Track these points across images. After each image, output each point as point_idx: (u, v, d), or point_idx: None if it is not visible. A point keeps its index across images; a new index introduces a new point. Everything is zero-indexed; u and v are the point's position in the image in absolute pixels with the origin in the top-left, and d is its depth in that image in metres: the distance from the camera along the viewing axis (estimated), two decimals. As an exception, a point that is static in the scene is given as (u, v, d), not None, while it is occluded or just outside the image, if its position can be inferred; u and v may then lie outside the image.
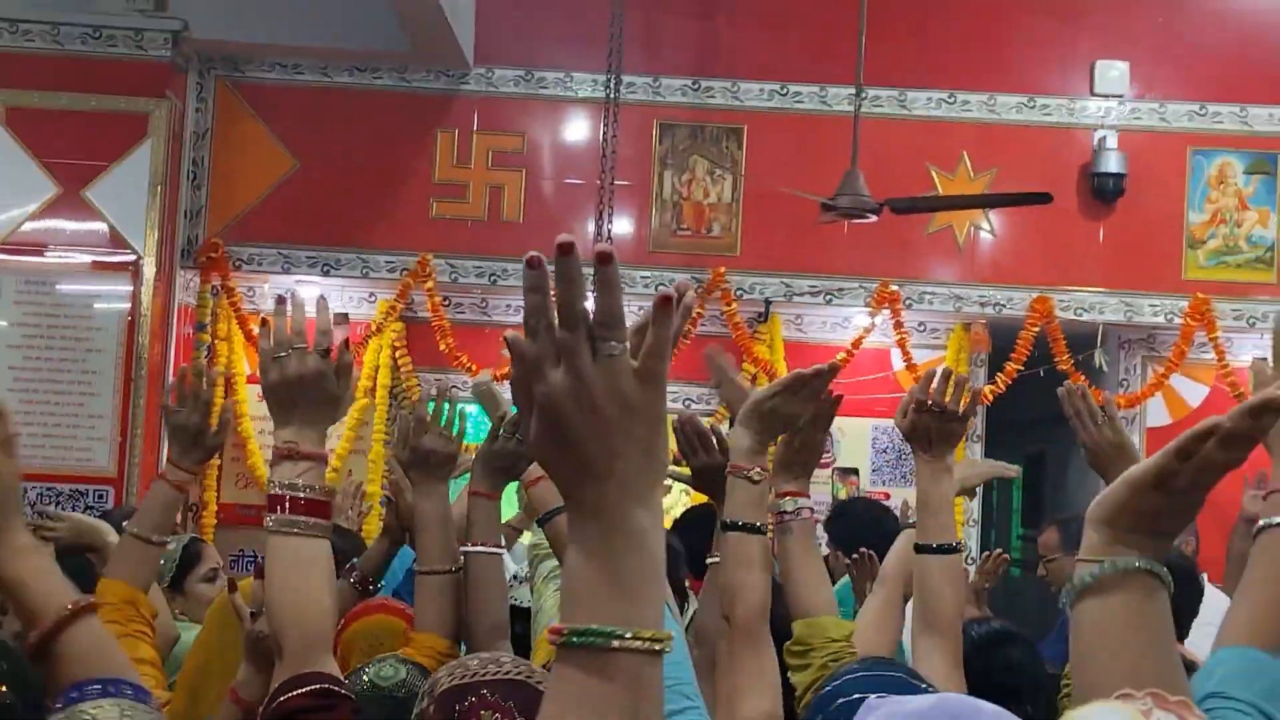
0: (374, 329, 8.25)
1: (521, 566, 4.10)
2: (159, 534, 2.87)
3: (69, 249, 7.65)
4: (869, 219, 7.36)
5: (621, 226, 8.34)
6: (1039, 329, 8.22)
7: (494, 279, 8.29)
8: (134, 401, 7.48)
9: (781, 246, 8.32)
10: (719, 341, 7.29)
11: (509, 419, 2.98)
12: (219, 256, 8.16)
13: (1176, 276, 8.35)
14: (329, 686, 1.99)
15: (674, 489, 4.24)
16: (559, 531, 2.85)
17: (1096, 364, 8.47)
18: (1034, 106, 8.46)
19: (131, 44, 7.74)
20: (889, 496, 8.10)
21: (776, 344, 8.43)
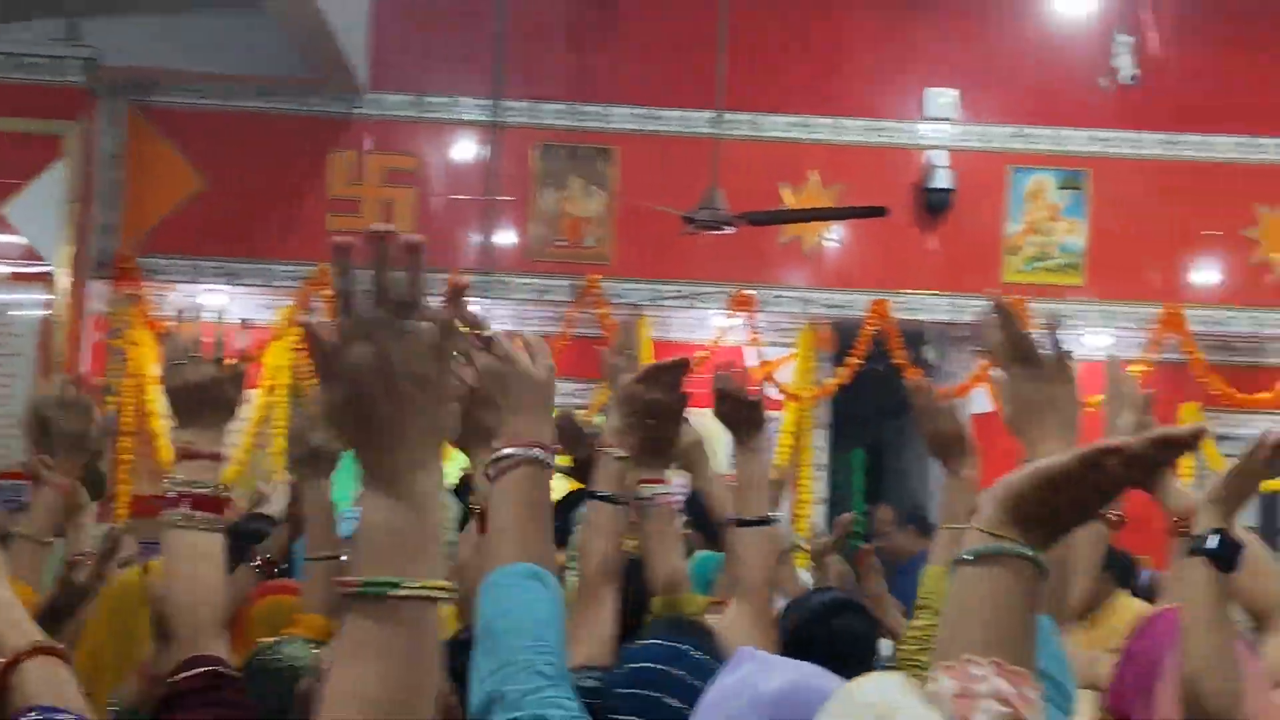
0: (276, 334, 8.20)
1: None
2: (47, 535, 2.83)
3: (-13, 261, 7.54)
4: (727, 231, 7.48)
5: (504, 238, 8.39)
6: (877, 328, 8.41)
7: (387, 287, 8.26)
8: (49, 403, 7.38)
9: (649, 256, 8.39)
10: (594, 343, 7.37)
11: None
12: (131, 268, 8.06)
13: (997, 280, 8.51)
14: (218, 669, 1.96)
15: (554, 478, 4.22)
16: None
17: (927, 359, 8.70)
18: (874, 129, 8.64)
19: (47, 70, 7.68)
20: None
21: (644, 345, 8.51)
